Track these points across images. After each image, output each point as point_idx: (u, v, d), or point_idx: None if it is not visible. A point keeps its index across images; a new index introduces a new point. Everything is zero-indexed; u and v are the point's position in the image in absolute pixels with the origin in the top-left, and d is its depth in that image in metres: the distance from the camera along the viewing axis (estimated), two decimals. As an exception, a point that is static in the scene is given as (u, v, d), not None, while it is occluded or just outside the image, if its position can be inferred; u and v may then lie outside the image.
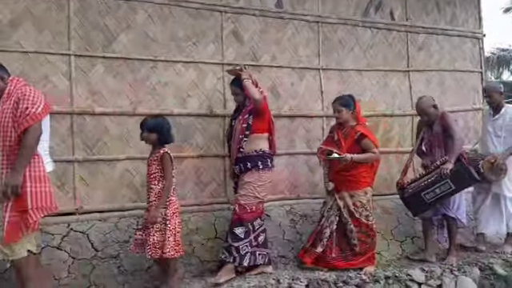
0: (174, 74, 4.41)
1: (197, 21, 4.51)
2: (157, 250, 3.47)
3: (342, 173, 4.24)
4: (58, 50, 3.95)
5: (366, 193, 4.27)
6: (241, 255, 3.88)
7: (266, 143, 4.06)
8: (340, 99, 4.32)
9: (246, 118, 3.98)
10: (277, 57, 4.86)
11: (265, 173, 3.99)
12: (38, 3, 3.88)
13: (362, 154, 4.21)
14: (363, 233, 4.24)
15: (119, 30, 4.18)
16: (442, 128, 4.43)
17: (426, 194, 4.34)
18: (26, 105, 3.04)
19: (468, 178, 4.29)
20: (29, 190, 3.01)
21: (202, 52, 4.52)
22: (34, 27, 3.87)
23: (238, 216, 3.92)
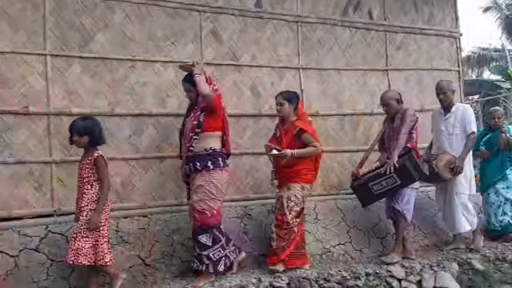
0: (153, 73, 4.39)
1: (175, 20, 4.50)
2: (87, 257, 3.33)
3: (285, 169, 4.15)
4: (34, 49, 3.91)
5: (304, 188, 4.16)
6: (214, 262, 3.77)
7: (217, 142, 3.89)
8: (283, 93, 4.25)
9: (198, 115, 3.82)
10: (256, 56, 4.87)
11: (216, 173, 3.79)
12: (14, 3, 3.84)
13: (304, 148, 4.12)
14: (282, 228, 4.07)
15: (96, 30, 4.15)
16: (401, 123, 4.42)
17: (374, 185, 4.34)
18: None
19: (414, 173, 4.24)
20: None
21: (180, 52, 4.51)
22: (9, 27, 3.82)
23: (201, 223, 3.75)
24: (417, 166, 4.26)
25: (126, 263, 3.88)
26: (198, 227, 3.77)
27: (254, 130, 4.83)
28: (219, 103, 3.89)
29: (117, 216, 4.07)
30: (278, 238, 4.06)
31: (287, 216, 4.07)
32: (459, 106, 4.80)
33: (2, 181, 3.72)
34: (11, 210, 3.74)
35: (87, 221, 3.37)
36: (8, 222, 3.69)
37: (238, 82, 4.77)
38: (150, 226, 4.14)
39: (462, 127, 4.68)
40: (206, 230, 3.75)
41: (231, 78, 4.74)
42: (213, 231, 3.77)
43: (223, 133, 3.96)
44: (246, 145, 4.78)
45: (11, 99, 3.82)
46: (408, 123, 4.38)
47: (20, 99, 3.85)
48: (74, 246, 3.32)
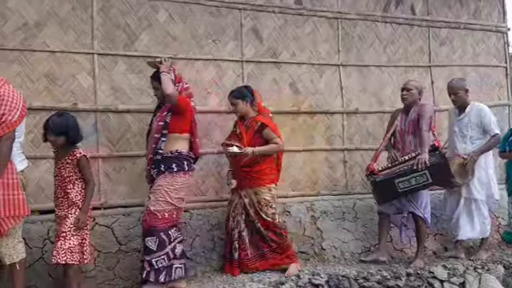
0: (194, 71, 4.47)
1: (216, 18, 4.56)
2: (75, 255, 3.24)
3: (245, 169, 3.97)
4: (82, 49, 4.06)
5: (271, 190, 4.02)
6: (155, 269, 3.46)
7: (184, 144, 3.68)
8: (233, 92, 4.07)
9: (164, 115, 3.63)
10: (296, 53, 4.87)
11: (180, 176, 3.57)
12: (63, 4, 4.00)
13: (265, 145, 3.96)
14: (271, 231, 3.98)
15: (141, 29, 4.26)
16: (417, 117, 4.22)
17: (401, 182, 4.09)
18: (3, 111, 2.94)
19: (447, 173, 4.07)
20: (1, 199, 2.97)
21: (221, 49, 4.57)
22: (59, 28, 3.98)
23: (149, 225, 3.50)
24: (448, 165, 4.08)
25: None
26: (146, 229, 3.53)
27: (292, 126, 4.83)
28: (185, 104, 3.67)
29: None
30: (274, 242, 3.99)
31: (267, 219, 3.94)
32: (474, 106, 4.47)
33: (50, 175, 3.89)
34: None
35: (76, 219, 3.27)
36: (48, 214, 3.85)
37: (278, 80, 4.79)
38: (191, 221, 4.23)
39: (478, 129, 4.41)
40: (153, 233, 3.48)
41: (271, 75, 4.76)
42: (160, 235, 3.49)
43: (191, 135, 3.75)
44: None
45: (61, 96, 3.98)
46: (428, 119, 4.18)
47: (69, 96, 4.01)
48: (64, 245, 3.22)
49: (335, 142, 4.95)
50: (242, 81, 4.63)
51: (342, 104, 5.04)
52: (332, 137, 4.99)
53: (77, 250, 3.25)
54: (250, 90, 4.07)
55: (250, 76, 4.66)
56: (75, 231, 3.27)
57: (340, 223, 4.60)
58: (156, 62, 3.70)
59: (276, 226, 3.99)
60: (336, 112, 5.01)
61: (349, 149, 5.05)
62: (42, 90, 3.92)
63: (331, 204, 4.80)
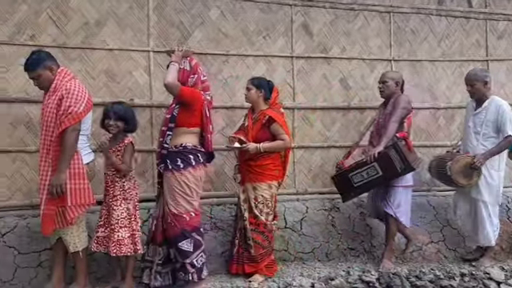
0: (245, 67, 4.52)
1: (267, 15, 4.59)
2: (121, 248, 3.33)
3: (249, 162, 3.80)
4: (139, 46, 4.21)
5: (271, 187, 3.81)
6: (198, 268, 3.42)
7: (191, 138, 3.50)
8: (254, 79, 3.93)
9: (173, 108, 3.49)
10: (347, 48, 4.83)
11: (189, 172, 3.42)
12: (121, 3, 4.16)
13: (272, 141, 3.78)
14: (259, 233, 3.76)
15: (194, 27, 4.37)
16: (392, 109, 4.00)
17: (354, 175, 3.93)
18: (69, 103, 3.12)
19: (397, 165, 3.79)
20: (69, 187, 3.14)
21: (271, 45, 4.61)
22: (117, 26, 4.15)
23: (179, 228, 3.40)
24: (403, 157, 3.79)
25: (219, 248, 4.08)
26: (178, 233, 3.40)
27: (342, 122, 4.80)
28: (191, 95, 3.48)
29: (210, 203, 4.28)
30: (256, 245, 3.74)
31: (260, 218, 3.75)
32: (493, 101, 4.11)
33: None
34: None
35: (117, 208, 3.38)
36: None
37: (328, 75, 4.77)
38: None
39: (493, 127, 4.08)
40: (185, 235, 3.40)
41: (321, 70, 4.75)
42: (192, 235, 3.43)
43: (202, 129, 3.58)
44: (334, 137, 4.78)
45: (119, 92, 4.15)
46: (400, 110, 3.95)
47: (126, 92, 4.17)
48: (113, 237, 3.32)
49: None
50: (292, 77, 4.64)
51: (394, 100, 4.94)
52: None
53: (126, 242, 3.35)
54: (271, 85, 3.93)
55: (299, 71, 4.67)
56: (123, 222, 3.37)
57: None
58: (170, 52, 3.65)
59: (266, 228, 3.77)
60: (387, 108, 4.92)
61: (400, 145, 4.94)
62: (101, 86, 4.11)
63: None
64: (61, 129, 3.11)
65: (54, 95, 3.19)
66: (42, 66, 3.24)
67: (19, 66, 3.75)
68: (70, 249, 3.32)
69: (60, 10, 3.98)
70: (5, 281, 3.57)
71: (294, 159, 4.61)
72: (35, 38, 3.93)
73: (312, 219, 4.49)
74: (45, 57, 3.30)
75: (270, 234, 3.81)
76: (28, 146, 3.88)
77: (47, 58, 3.29)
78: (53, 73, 3.26)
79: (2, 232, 3.65)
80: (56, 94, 3.19)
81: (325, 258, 4.36)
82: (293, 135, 4.62)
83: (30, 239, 3.53)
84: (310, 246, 4.40)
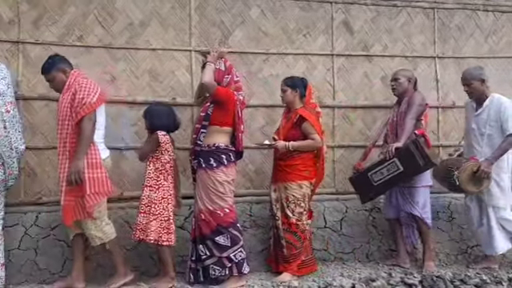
0: (285, 66, 4.52)
1: (307, 13, 4.57)
2: (138, 232, 3.49)
3: (280, 162, 3.82)
4: (181, 46, 4.28)
5: (301, 187, 3.77)
6: (236, 263, 3.51)
7: (224, 138, 3.62)
8: (287, 79, 3.92)
9: (207, 106, 3.60)
10: (389, 46, 4.74)
11: (221, 171, 3.54)
12: (164, 3, 4.24)
13: (301, 141, 3.75)
14: (291, 233, 3.75)
15: (234, 26, 4.40)
16: (407, 107, 3.94)
17: (373, 174, 3.86)
18: (82, 95, 3.30)
19: (419, 159, 3.71)
20: (87, 177, 3.27)
21: (311, 44, 4.58)
22: (160, 26, 4.24)
23: (215, 224, 3.51)
24: (423, 152, 3.72)
25: (259, 246, 4.10)
26: (214, 229, 3.52)
27: (384, 121, 4.70)
28: (226, 95, 3.59)
29: (250, 201, 4.30)
30: (288, 245, 3.75)
31: (291, 218, 3.75)
32: (494, 99, 3.94)
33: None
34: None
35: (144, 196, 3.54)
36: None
37: (369, 73, 4.69)
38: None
39: (497, 126, 3.90)
40: (221, 231, 3.51)
41: (362, 68, 4.69)
42: (229, 230, 3.53)
43: (234, 129, 3.67)
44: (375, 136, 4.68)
45: (162, 91, 4.24)
46: (416, 108, 3.90)
47: (169, 91, 4.25)
48: (141, 223, 3.50)
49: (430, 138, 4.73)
50: (332, 75, 4.60)
51: (438, 98, 4.81)
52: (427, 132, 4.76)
53: (141, 227, 3.47)
54: (305, 83, 3.92)
55: (340, 70, 4.63)
56: (143, 208, 3.50)
57: (434, 223, 4.40)
58: (205, 53, 3.75)
59: (298, 228, 3.76)
60: (431, 106, 4.76)
61: (444, 145, 4.80)
62: (144, 85, 4.20)
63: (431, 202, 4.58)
64: (77, 119, 3.29)
65: (68, 92, 3.38)
66: (55, 68, 3.45)
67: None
68: (96, 242, 3.44)
69: (106, 11, 4.11)
70: (54, 272, 3.73)
71: (333, 158, 4.57)
72: (83, 38, 4.07)
73: (352, 219, 4.44)
74: (58, 60, 3.50)
75: (302, 235, 3.78)
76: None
77: (60, 62, 3.49)
78: (66, 75, 3.45)
79: (52, 226, 3.80)
80: (70, 90, 3.38)
81: (365, 258, 4.31)
82: (333, 134, 4.59)
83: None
84: (350, 247, 4.36)
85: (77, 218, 3.35)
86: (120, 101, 4.12)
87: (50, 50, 3.97)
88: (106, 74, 4.09)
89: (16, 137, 3.45)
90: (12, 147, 3.42)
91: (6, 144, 3.38)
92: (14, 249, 3.73)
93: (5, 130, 3.36)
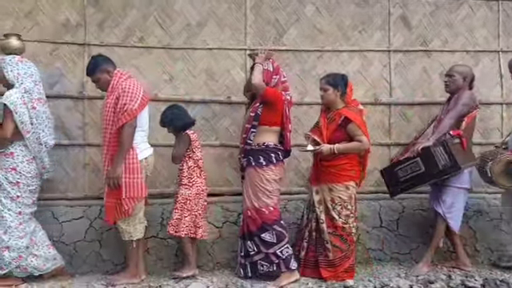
0: (339, 63, 4.47)
1: (363, 9, 4.50)
2: (171, 228, 3.64)
3: (323, 163, 3.71)
4: (236, 45, 4.34)
5: (348, 188, 3.68)
6: (284, 259, 3.56)
7: (272, 137, 3.71)
8: (328, 77, 3.77)
9: (257, 106, 3.66)
10: (449, 40, 4.57)
11: (270, 169, 3.63)
12: (221, 4, 4.32)
13: (349, 142, 3.66)
14: (337, 236, 3.65)
15: (289, 24, 4.41)
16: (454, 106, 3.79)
17: (399, 169, 3.82)
18: (125, 101, 3.37)
19: (439, 162, 3.60)
20: (123, 181, 3.38)
21: (367, 40, 4.50)
22: (217, 26, 4.32)
23: (260, 221, 3.60)
24: (450, 155, 3.58)
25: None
26: (259, 226, 3.61)
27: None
28: (274, 96, 3.66)
29: (303, 199, 4.28)
30: (334, 249, 3.66)
31: (337, 221, 3.66)
32: None
33: (209, 161, 4.26)
34: (215, 186, 4.26)
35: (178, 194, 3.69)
36: (214, 197, 4.21)
37: (428, 69, 4.55)
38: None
39: None
40: (266, 228, 3.59)
41: (420, 64, 4.55)
42: (274, 227, 3.60)
43: (282, 128, 3.74)
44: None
45: (217, 90, 4.32)
46: (460, 107, 3.77)
47: (224, 90, 4.33)
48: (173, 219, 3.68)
49: (492, 136, 4.53)
50: (389, 71, 4.51)
51: (502, 94, 4.59)
52: (488, 130, 4.57)
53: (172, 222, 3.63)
54: (346, 80, 3.80)
55: (397, 66, 4.52)
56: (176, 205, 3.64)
57: (497, 224, 4.22)
58: (253, 54, 3.81)
59: (344, 231, 3.67)
60: (494, 103, 4.58)
61: (508, 143, 4.57)
62: (201, 84, 4.31)
63: (486, 202, 4.41)
64: (118, 125, 3.37)
65: (112, 95, 3.46)
66: (99, 69, 3.54)
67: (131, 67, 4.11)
68: (124, 236, 3.57)
69: (165, 12, 4.24)
70: (117, 264, 3.91)
71: (390, 157, 4.47)
72: (143, 39, 4.23)
73: (409, 219, 4.33)
74: (101, 61, 3.59)
75: (349, 237, 3.70)
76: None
77: (104, 62, 3.58)
78: (110, 75, 3.54)
79: (115, 219, 3.99)
80: (113, 93, 3.46)
81: (423, 260, 4.19)
82: (389, 132, 4.49)
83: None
84: (406, 247, 4.26)
85: (117, 218, 3.51)
86: (178, 100, 4.22)
87: (113, 51, 4.16)
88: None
89: (45, 132, 3.63)
90: (41, 142, 3.58)
91: (34, 139, 3.54)
92: (79, 240, 3.96)
93: (32, 126, 3.51)
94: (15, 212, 3.46)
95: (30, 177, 3.52)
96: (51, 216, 3.97)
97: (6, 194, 3.45)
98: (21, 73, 3.52)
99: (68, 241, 3.95)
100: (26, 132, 3.46)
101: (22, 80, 3.50)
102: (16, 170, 3.47)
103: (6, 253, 3.42)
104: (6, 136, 3.43)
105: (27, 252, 3.50)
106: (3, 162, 3.49)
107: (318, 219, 3.73)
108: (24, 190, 3.50)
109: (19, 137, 3.47)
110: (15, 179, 3.47)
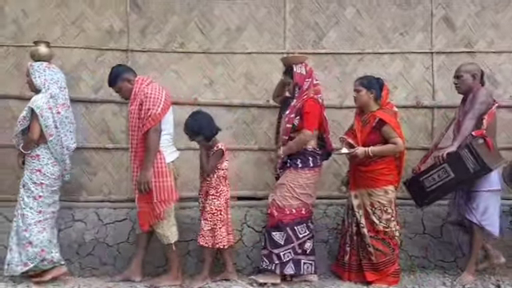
0: (380, 65, 4.40)
1: (405, 10, 4.41)
2: (206, 239, 3.59)
3: (360, 167, 3.69)
4: (275, 49, 4.35)
5: (387, 192, 3.64)
6: (282, 262, 3.61)
7: (312, 141, 3.72)
8: (362, 78, 3.76)
9: (293, 118, 3.69)
10: (495, 41, 4.41)
11: (304, 172, 3.65)
12: (260, 8, 4.34)
13: (384, 145, 3.61)
14: (379, 240, 3.63)
15: (329, 27, 4.38)
16: (470, 105, 3.66)
17: (425, 179, 3.70)
18: (148, 106, 3.44)
19: (469, 165, 3.48)
20: (153, 185, 3.43)
21: (409, 42, 4.41)
22: (256, 30, 4.34)
23: (276, 219, 3.63)
24: (477, 157, 3.46)
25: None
26: (273, 223, 3.65)
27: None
28: (312, 107, 3.67)
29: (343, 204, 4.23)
30: (377, 252, 3.63)
31: (378, 225, 3.63)
32: None
33: (249, 165, 4.28)
34: (256, 190, 4.27)
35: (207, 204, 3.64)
36: (253, 201, 4.21)
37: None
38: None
39: None
40: (280, 228, 3.61)
41: (464, 66, 4.41)
42: (286, 229, 3.61)
43: (321, 131, 3.76)
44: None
45: (256, 94, 4.34)
46: (477, 106, 3.63)
47: (263, 94, 4.33)
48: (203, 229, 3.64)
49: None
50: (432, 73, 4.40)
51: (553, 96, 4.40)
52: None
53: (206, 234, 3.60)
54: (381, 83, 3.77)
55: (440, 68, 4.40)
56: (205, 215, 3.63)
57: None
58: (290, 59, 3.83)
59: (386, 235, 3.64)
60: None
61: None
62: (241, 88, 4.33)
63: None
64: (143, 131, 3.44)
65: (135, 102, 3.54)
66: (120, 79, 3.62)
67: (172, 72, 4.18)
68: (163, 241, 3.62)
69: (205, 18, 4.30)
70: (158, 266, 3.96)
71: (433, 161, 4.35)
72: (184, 45, 4.29)
73: (453, 226, 4.20)
74: (121, 70, 3.67)
75: (392, 241, 3.66)
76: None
77: (124, 71, 3.66)
78: (131, 83, 3.60)
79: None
80: (136, 100, 3.53)
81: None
82: (431, 136, 4.37)
83: (180, 229, 3.83)
84: (451, 255, 4.14)
85: (151, 223, 3.57)
86: (218, 104, 4.28)
87: (154, 56, 4.26)
88: (205, 78, 4.28)
89: (67, 136, 3.75)
90: (63, 145, 3.71)
91: (58, 143, 3.67)
92: (122, 242, 4.05)
93: (56, 129, 3.65)
94: (36, 211, 3.61)
95: (53, 178, 3.67)
96: (96, 218, 4.08)
97: (29, 194, 3.60)
98: (47, 79, 3.68)
99: (112, 242, 4.05)
100: (49, 135, 3.61)
101: (48, 86, 3.67)
102: (41, 172, 3.62)
103: (29, 248, 3.56)
104: (32, 138, 3.59)
105: (50, 245, 3.63)
106: (29, 163, 3.65)
107: (359, 223, 3.71)
108: (47, 190, 3.65)
109: (44, 139, 3.62)
110: (39, 180, 3.62)
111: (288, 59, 3.87)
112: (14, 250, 3.57)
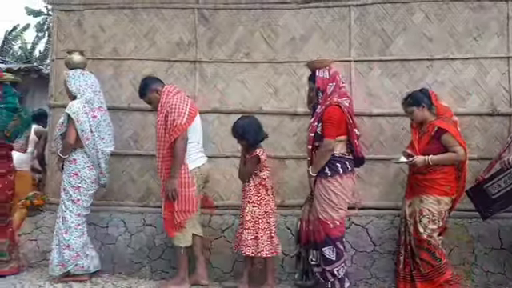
0: (452, 71, 4.23)
1: (478, 14, 4.22)
2: (249, 248, 3.52)
3: (417, 175, 3.61)
4: (340, 57, 4.29)
5: (440, 202, 3.50)
6: (339, 279, 3.44)
7: (339, 146, 3.48)
8: (405, 100, 3.68)
9: (315, 126, 3.51)
10: None
11: (335, 180, 3.44)
12: (324, 17, 4.33)
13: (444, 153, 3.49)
14: (424, 250, 3.52)
15: (396, 33, 4.28)
16: None
17: (490, 186, 3.53)
18: (173, 117, 3.49)
19: None
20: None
21: (483, 47, 4.20)
22: (320, 39, 4.33)
23: (324, 234, 3.44)
24: None
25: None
26: (322, 239, 3.46)
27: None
28: (333, 113, 3.45)
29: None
30: (423, 263, 3.53)
31: (422, 234, 3.51)
32: None
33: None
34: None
35: (246, 213, 3.58)
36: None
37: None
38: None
39: None
40: (328, 243, 3.44)
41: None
42: (336, 244, 3.45)
43: (348, 136, 3.52)
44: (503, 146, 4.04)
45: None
46: None
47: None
48: (241, 237, 3.59)
49: None
50: (508, 79, 4.16)
51: None
52: None
53: (247, 243, 3.53)
54: (426, 92, 3.67)
55: (518, 74, 4.16)
56: (247, 224, 3.56)
57: None
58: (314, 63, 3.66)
59: (430, 244, 3.51)
60: None
61: None
62: (305, 97, 4.30)
63: None
64: (170, 141, 3.51)
65: (162, 113, 3.61)
66: (149, 90, 3.72)
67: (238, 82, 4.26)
68: (175, 242, 3.66)
69: (270, 28, 4.36)
70: (226, 272, 4.03)
71: (510, 172, 4.10)
72: (249, 55, 4.37)
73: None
74: (149, 82, 3.76)
75: (437, 251, 3.53)
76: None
77: (152, 82, 3.75)
78: (159, 93, 3.68)
79: (223, 228, 4.14)
80: (162, 111, 3.61)
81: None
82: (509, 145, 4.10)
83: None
84: (531, 272, 3.86)
85: (176, 230, 3.62)
86: (282, 112, 4.31)
87: (221, 67, 4.37)
88: (269, 87, 4.33)
89: (105, 139, 3.88)
90: (98, 149, 3.84)
91: (93, 146, 3.81)
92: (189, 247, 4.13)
93: (91, 133, 3.79)
94: (75, 214, 3.80)
95: (89, 182, 3.84)
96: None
97: (68, 197, 3.80)
98: (82, 84, 3.87)
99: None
100: (85, 139, 3.79)
101: (83, 91, 3.85)
102: (78, 175, 3.81)
103: (66, 251, 3.74)
104: (69, 143, 3.78)
105: (82, 251, 3.80)
106: (67, 167, 3.84)
107: (409, 232, 3.63)
108: (84, 193, 3.83)
109: (80, 144, 3.80)
110: (77, 184, 3.80)
111: (312, 64, 3.68)
112: (54, 251, 3.79)
